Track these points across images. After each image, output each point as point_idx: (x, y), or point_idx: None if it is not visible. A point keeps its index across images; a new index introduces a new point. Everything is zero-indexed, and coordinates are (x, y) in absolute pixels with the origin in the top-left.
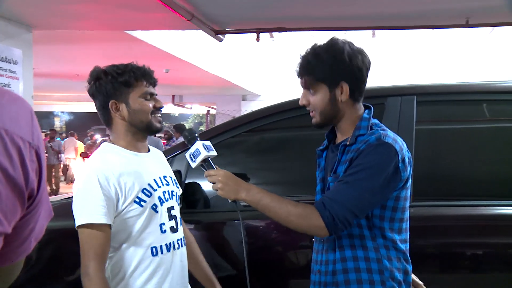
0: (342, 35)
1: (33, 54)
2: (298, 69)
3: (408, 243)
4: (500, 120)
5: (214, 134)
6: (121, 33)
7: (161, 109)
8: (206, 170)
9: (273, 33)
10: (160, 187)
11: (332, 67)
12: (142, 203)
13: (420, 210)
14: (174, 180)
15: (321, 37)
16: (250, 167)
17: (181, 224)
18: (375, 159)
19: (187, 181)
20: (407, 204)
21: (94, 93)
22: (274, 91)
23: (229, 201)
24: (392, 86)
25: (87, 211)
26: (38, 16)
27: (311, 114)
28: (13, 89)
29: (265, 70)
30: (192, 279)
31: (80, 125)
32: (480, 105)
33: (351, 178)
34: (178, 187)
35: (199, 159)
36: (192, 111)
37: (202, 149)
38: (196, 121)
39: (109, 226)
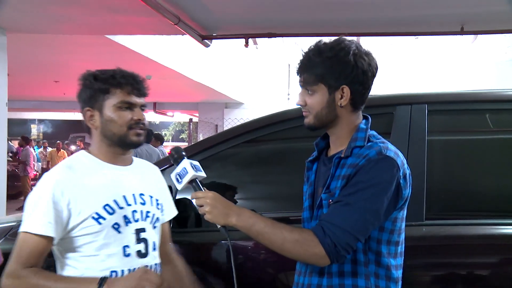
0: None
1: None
2: (298, 66)
3: (401, 269)
4: None
5: (209, 145)
6: (102, 38)
7: (141, 123)
8: (194, 191)
9: (257, 41)
10: (130, 205)
11: (334, 68)
12: (100, 220)
13: (434, 229)
14: (157, 200)
15: (306, 44)
16: (246, 180)
17: (154, 249)
18: (377, 176)
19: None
20: (403, 225)
21: (77, 99)
22: (257, 100)
23: (218, 226)
24: (402, 94)
25: (31, 220)
26: (12, 18)
27: (304, 114)
28: None
29: (248, 78)
30: None
31: (58, 133)
32: (497, 114)
33: (351, 198)
34: (160, 209)
35: (186, 179)
36: (174, 119)
37: (189, 168)
38: (177, 129)
39: (51, 238)
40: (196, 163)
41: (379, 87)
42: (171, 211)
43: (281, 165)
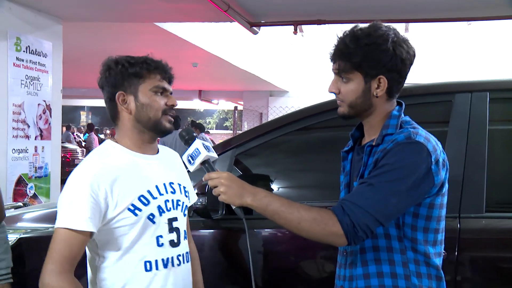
0: None
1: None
2: (332, 52)
3: (442, 257)
4: None
5: (263, 132)
6: (151, 26)
7: (174, 108)
8: (207, 172)
9: (303, 29)
10: (163, 195)
11: (372, 56)
12: (136, 211)
13: (494, 222)
14: (184, 188)
15: None
16: (302, 168)
17: (185, 238)
18: (403, 159)
19: None
20: (443, 212)
21: (103, 85)
22: (302, 88)
23: (233, 207)
24: (461, 82)
25: (70, 214)
26: (68, 7)
27: (338, 102)
28: (42, 83)
29: (293, 66)
30: None
31: (107, 120)
32: None
33: (375, 180)
34: (187, 197)
35: (198, 160)
36: (218, 107)
37: (202, 149)
38: (222, 117)
39: (90, 233)
40: (208, 143)
41: (437, 75)
42: (193, 197)
43: (334, 153)
